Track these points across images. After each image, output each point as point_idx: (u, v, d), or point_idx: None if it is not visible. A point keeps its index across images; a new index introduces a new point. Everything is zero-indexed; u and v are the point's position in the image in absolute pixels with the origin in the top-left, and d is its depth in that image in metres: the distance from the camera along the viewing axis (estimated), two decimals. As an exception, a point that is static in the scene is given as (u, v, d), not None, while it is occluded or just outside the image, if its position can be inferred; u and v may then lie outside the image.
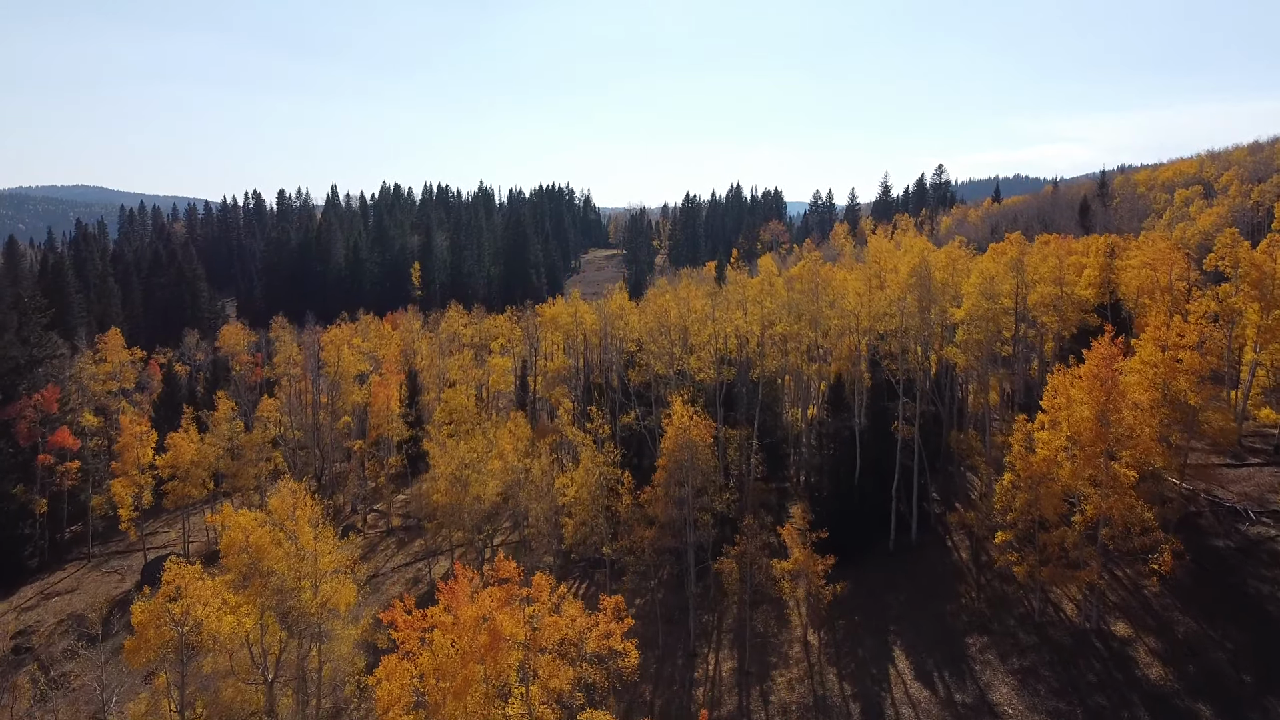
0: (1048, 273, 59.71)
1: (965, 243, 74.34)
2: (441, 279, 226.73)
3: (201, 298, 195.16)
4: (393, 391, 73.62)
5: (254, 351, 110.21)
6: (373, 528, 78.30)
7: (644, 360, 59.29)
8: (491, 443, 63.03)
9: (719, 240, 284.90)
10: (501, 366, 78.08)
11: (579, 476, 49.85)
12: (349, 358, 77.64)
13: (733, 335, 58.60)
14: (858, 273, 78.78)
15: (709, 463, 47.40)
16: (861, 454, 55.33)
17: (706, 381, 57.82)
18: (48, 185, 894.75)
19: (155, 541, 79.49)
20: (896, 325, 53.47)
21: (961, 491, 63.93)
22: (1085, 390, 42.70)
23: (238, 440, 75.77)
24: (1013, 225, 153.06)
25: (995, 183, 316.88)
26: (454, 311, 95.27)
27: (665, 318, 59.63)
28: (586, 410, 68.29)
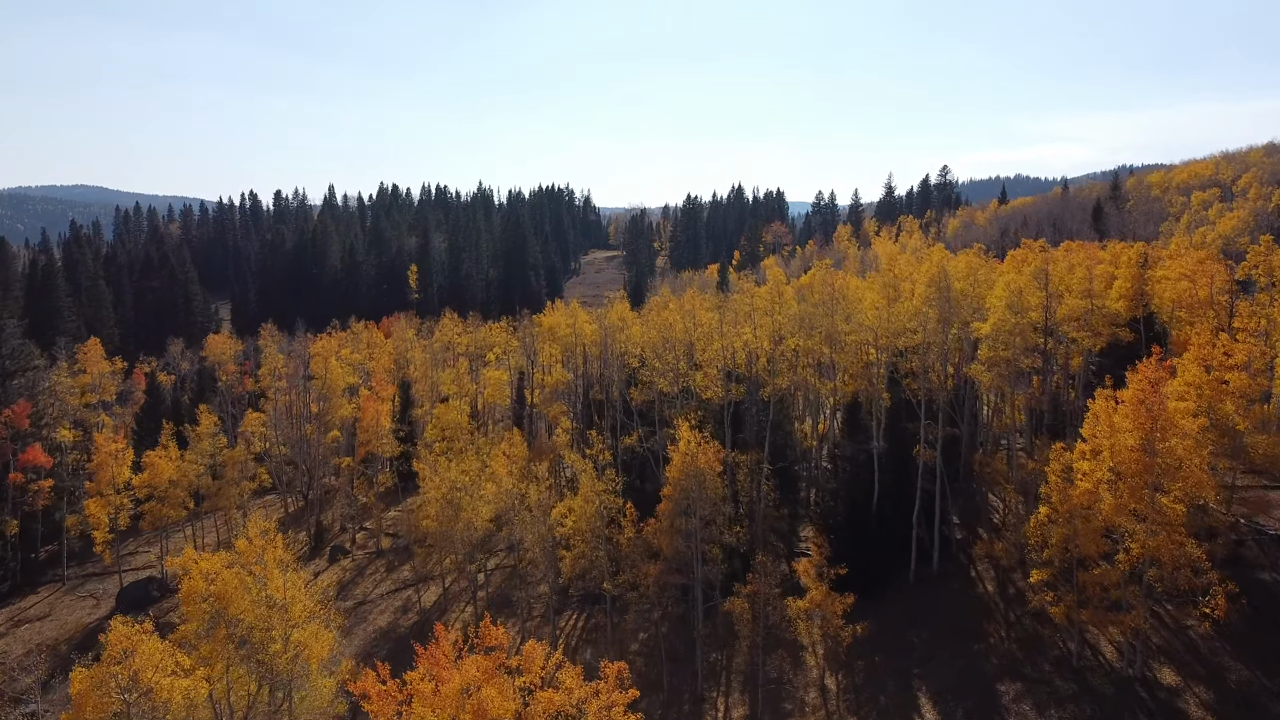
0: (1076, 284, 56.10)
1: (984, 250, 70.67)
2: (439, 281, 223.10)
3: (194, 301, 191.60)
4: (383, 406, 70.05)
5: (243, 360, 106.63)
6: (362, 548, 74.74)
7: (647, 377, 55.73)
8: (485, 464, 59.49)
9: (720, 241, 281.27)
10: (497, 380, 74.53)
11: (578, 505, 46.27)
12: (337, 370, 74.05)
13: (741, 350, 55.00)
14: (872, 282, 75.17)
15: (718, 492, 43.82)
16: (880, 479, 51.76)
17: (713, 400, 54.24)
18: (48, 185, 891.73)
19: (135, 562, 75.89)
20: (918, 341, 49.86)
21: (983, 515, 60.37)
22: (1129, 417, 39.10)
23: (220, 457, 72.22)
24: (1022, 228, 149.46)
25: (996, 183, 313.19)
26: (449, 320, 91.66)
27: (669, 332, 56.06)
28: (585, 430, 64.74)
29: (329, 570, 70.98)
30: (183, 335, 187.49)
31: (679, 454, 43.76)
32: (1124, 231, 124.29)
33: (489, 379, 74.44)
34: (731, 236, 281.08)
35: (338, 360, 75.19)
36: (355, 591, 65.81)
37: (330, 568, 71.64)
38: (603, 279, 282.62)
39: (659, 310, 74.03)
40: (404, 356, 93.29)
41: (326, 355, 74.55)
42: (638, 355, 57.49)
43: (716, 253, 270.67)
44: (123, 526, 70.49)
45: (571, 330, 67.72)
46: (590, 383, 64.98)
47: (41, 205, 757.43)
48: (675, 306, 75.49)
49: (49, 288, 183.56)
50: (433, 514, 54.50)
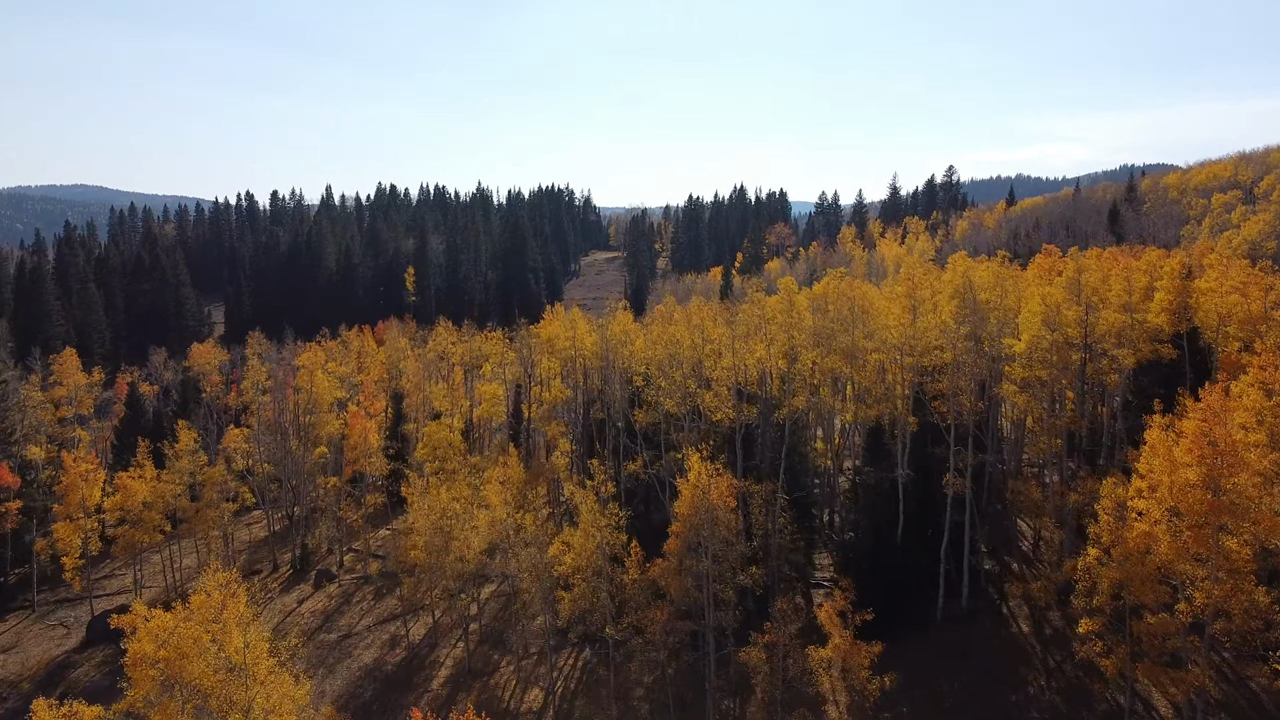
0: (1114, 296, 52.05)
1: (1006, 257, 66.63)
2: (437, 284, 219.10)
3: (186, 305, 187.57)
4: (371, 423, 66.03)
5: (230, 369, 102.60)
6: (350, 572, 70.73)
7: (652, 397, 51.67)
8: (478, 488, 55.51)
9: (723, 243, 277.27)
10: (492, 395, 70.48)
11: (577, 541, 42.25)
12: (324, 383, 70.02)
13: (754, 367, 50.95)
14: (888, 292, 71.07)
15: (731, 529, 39.80)
16: (905, 509, 47.74)
17: (723, 422, 50.19)
18: (47, 185, 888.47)
19: (109, 586, 71.91)
20: (947, 360, 45.83)
21: (1012, 543, 56.38)
22: (1191, 451, 35.08)
23: (200, 476, 68.29)
24: (1034, 231, 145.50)
25: (998, 182, 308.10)
26: (443, 328, 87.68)
27: (676, 348, 51.98)
28: (586, 453, 60.72)
29: (314, 597, 66.99)
30: (174, 340, 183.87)
31: (689, 487, 39.76)
32: (1142, 235, 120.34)
33: (484, 394, 70.41)
34: (734, 238, 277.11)
35: (324, 373, 71.16)
36: (341, 622, 61.80)
37: (315, 594, 67.63)
38: (603, 281, 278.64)
39: (663, 322, 70.03)
40: (396, 367, 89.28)
41: (312, 368, 70.56)
42: (642, 373, 53.40)
43: (719, 254, 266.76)
44: (94, 551, 66.58)
45: (571, 343, 63.70)
46: (591, 399, 61.02)
47: (41, 205, 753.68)
48: (681, 318, 71.45)
49: (37, 291, 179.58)
50: (421, 544, 50.55)
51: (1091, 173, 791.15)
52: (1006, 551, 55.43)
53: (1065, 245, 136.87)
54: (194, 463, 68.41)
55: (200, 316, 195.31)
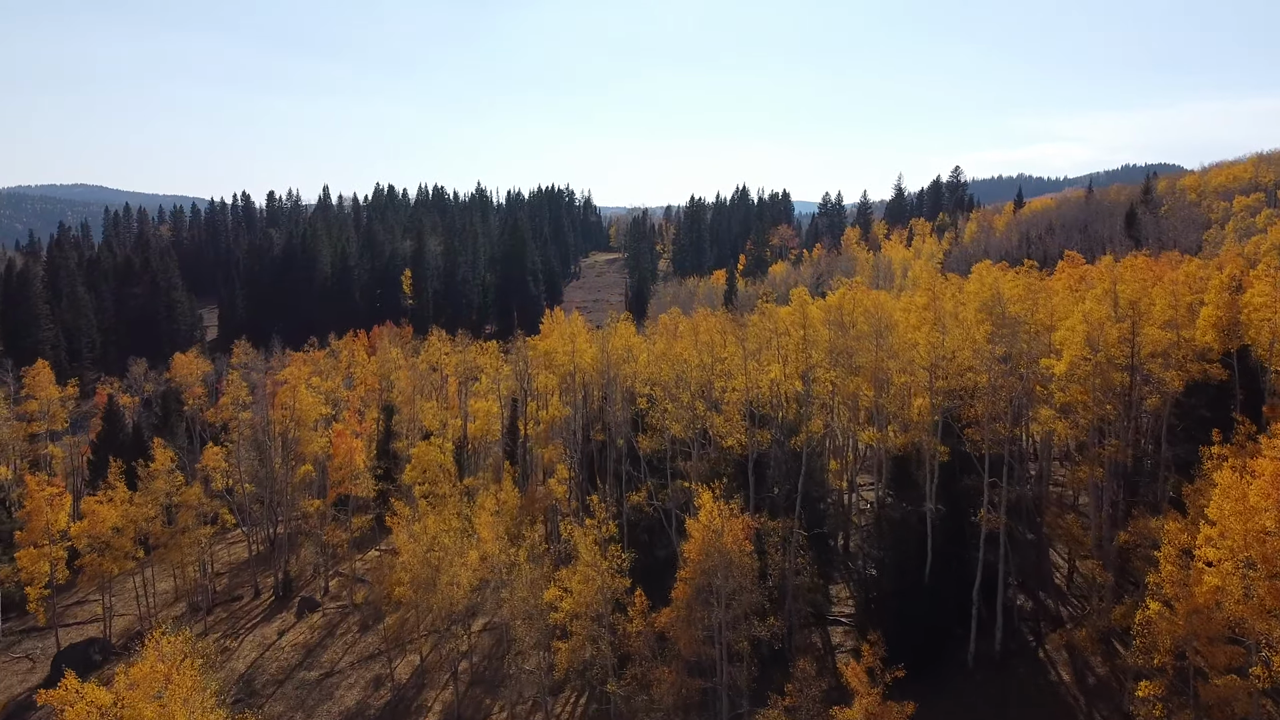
0: (1158, 313, 47.98)
1: (1037, 268, 62.60)
2: (434, 287, 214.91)
3: (178, 309, 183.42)
4: (356, 442, 62.00)
5: (216, 380, 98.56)
6: (335, 599, 66.74)
7: (656, 420, 47.61)
8: (470, 517, 51.47)
9: (725, 244, 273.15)
10: (485, 412, 66.41)
11: (576, 585, 38.21)
12: (307, 399, 65.98)
13: (768, 388, 46.88)
14: (906, 302, 66.99)
15: (747, 576, 35.76)
16: (934, 546, 43.70)
17: (734, 449, 46.17)
18: (47, 184, 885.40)
19: (79, 615, 67.94)
20: (982, 383, 41.77)
21: (1045, 576, 52.31)
22: (1268, 495, 31.06)
23: (176, 497, 64.29)
24: (1048, 235, 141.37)
25: (999, 182, 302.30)
26: (436, 339, 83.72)
27: (683, 367, 47.90)
28: (585, 480, 56.66)
29: (295, 628, 62.98)
30: (165, 345, 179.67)
31: (699, 529, 35.74)
32: (1161, 239, 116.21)
33: (477, 411, 66.40)
34: (736, 239, 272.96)
35: (308, 389, 67.10)
36: (323, 658, 57.77)
37: (297, 624, 63.62)
38: (604, 283, 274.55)
39: (668, 336, 65.99)
40: (388, 378, 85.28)
41: (296, 384, 66.54)
42: (646, 394, 49.32)
43: (721, 256, 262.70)
44: (60, 580, 62.68)
45: (569, 358, 59.64)
46: (591, 418, 57.05)
47: (40, 204, 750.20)
48: (686, 330, 67.42)
49: (25, 294, 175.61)
50: (407, 580, 46.56)
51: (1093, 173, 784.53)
52: (1039, 585, 51.42)
53: (1081, 250, 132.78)
54: (170, 483, 64.40)
55: (192, 320, 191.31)
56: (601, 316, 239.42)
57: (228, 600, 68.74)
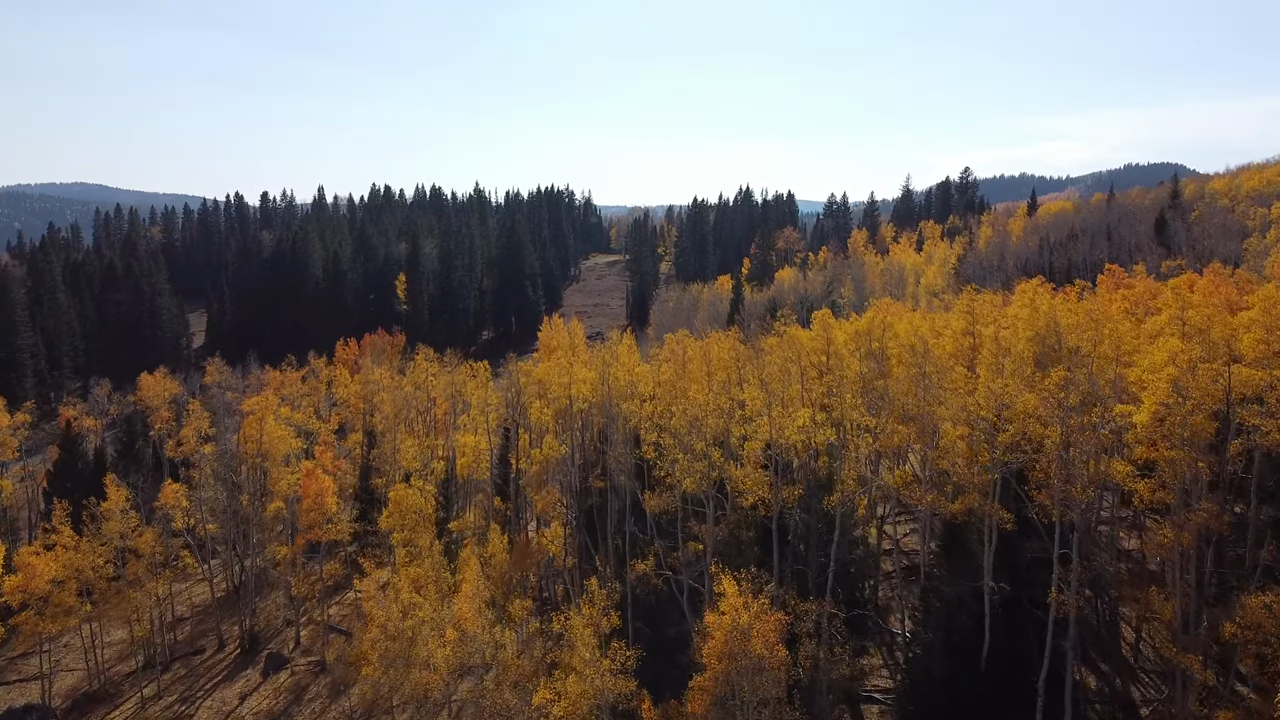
0: (1248, 348, 41.33)
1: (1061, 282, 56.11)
2: (430, 291, 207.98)
3: (163, 316, 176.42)
4: (328, 482, 55.42)
5: (189, 399, 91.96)
6: (306, 653, 60.22)
7: (665, 470, 41.00)
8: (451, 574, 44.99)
9: (729, 247, 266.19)
10: (473, 448, 59.94)
11: (571, 688, 31.67)
12: (275, 432, 59.46)
13: (795, 435, 40.25)
14: (940, 323, 60.32)
15: (779, 685, 29.21)
16: (991, 625, 37.13)
17: (749, 504, 39.57)
18: (46, 183, 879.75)
19: (24, 669, 61.36)
20: (1054, 437, 35.12)
21: (1113, 649, 45.79)
22: None
23: (130, 540, 57.84)
24: (1070, 241, 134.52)
25: (1002, 182, 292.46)
26: (423, 358, 77.23)
27: (696, 410, 41.24)
28: (583, 527, 50.10)
29: (260, 690, 56.47)
30: (148, 354, 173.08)
31: (722, 626, 29.20)
32: (1195, 248, 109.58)
33: (464, 446, 59.91)
34: (740, 241, 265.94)
35: (277, 420, 60.54)
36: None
37: (263, 685, 57.12)
38: (604, 286, 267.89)
39: (676, 363, 59.39)
40: (371, 400, 78.78)
41: (263, 413, 60.00)
42: (653, 441, 42.70)
43: (725, 259, 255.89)
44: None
45: (565, 389, 53.05)
46: (590, 462, 50.58)
47: (40, 203, 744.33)
48: (696, 355, 60.79)
49: (6, 299, 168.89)
50: (375, 658, 40.05)
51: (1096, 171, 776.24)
52: (1105, 658, 44.92)
53: (1107, 258, 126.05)
54: (124, 524, 57.95)
55: (178, 327, 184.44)
56: (602, 321, 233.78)
57: (188, 653, 62.25)
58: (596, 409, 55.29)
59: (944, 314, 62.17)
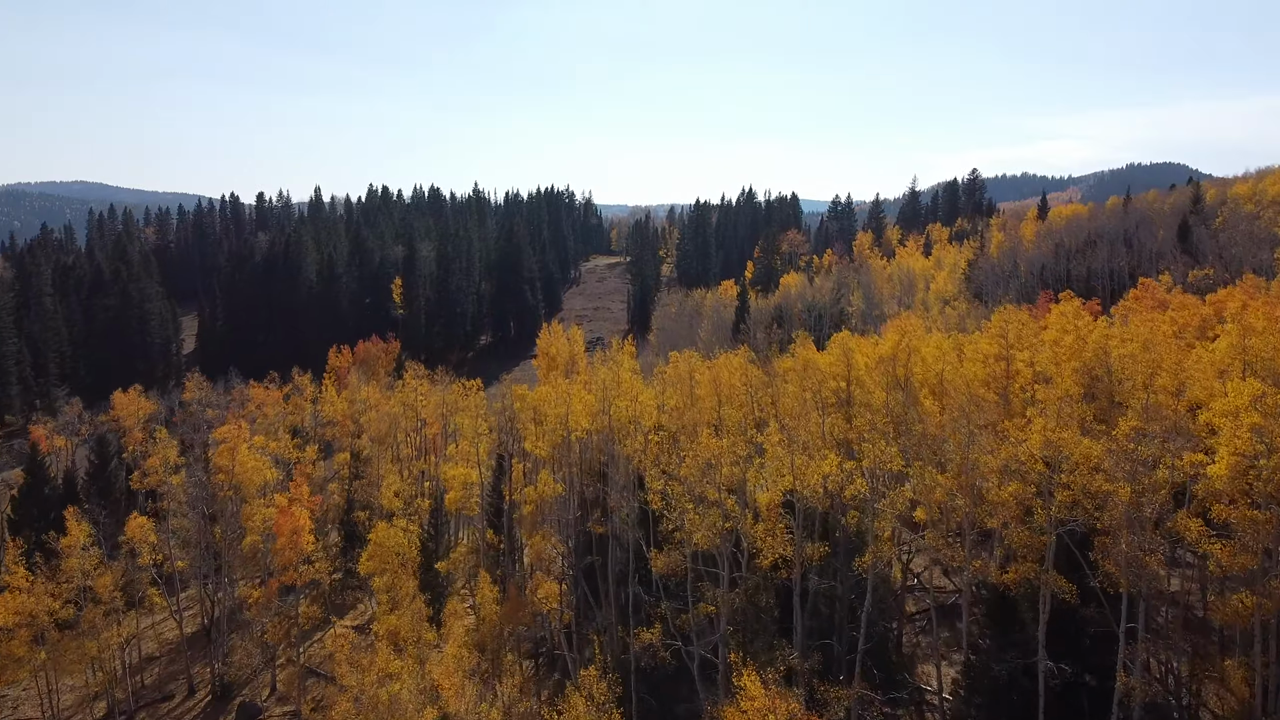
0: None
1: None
2: (427, 295, 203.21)
3: (152, 322, 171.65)
4: (304, 518, 50.83)
5: (168, 415, 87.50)
6: (282, 701, 55.66)
7: (674, 521, 36.36)
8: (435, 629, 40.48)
9: (731, 249, 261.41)
10: (462, 480, 55.26)
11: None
12: (248, 462, 54.92)
13: (818, 485, 35.60)
14: (970, 348, 55.63)
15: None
16: (1045, 708, 32.52)
17: (768, 564, 34.99)
18: (46, 181, 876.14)
19: (-23, 718, 56.90)
20: (1124, 498, 30.47)
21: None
22: None
23: (91, 580, 53.35)
24: (1088, 248, 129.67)
25: (1004, 181, 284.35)
26: (411, 376, 72.67)
27: (708, 453, 36.58)
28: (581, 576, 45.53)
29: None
30: (138, 361, 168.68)
31: (743, 732, 24.58)
32: (1222, 256, 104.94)
33: (453, 479, 55.29)
34: (742, 243, 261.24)
35: (250, 449, 55.95)
36: (255, 799, 46.73)
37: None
38: (604, 289, 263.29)
39: (682, 386, 54.78)
40: (358, 420, 74.28)
41: (235, 443, 55.46)
42: (660, 489, 38.01)
43: (727, 261, 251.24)
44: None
45: (561, 421, 48.43)
46: (589, 503, 46.04)
47: (40, 202, 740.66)
48: (705, 380, 56.23)
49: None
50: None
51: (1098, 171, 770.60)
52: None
53: (1128, 266, 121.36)
54: (85, 561, 53.47)
55: (169, 333, 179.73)
56: (602, 326, 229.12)
57: (155, 700, 57.67)
58: (597, 439, 50.76)
59: (973, 336, 57.42)
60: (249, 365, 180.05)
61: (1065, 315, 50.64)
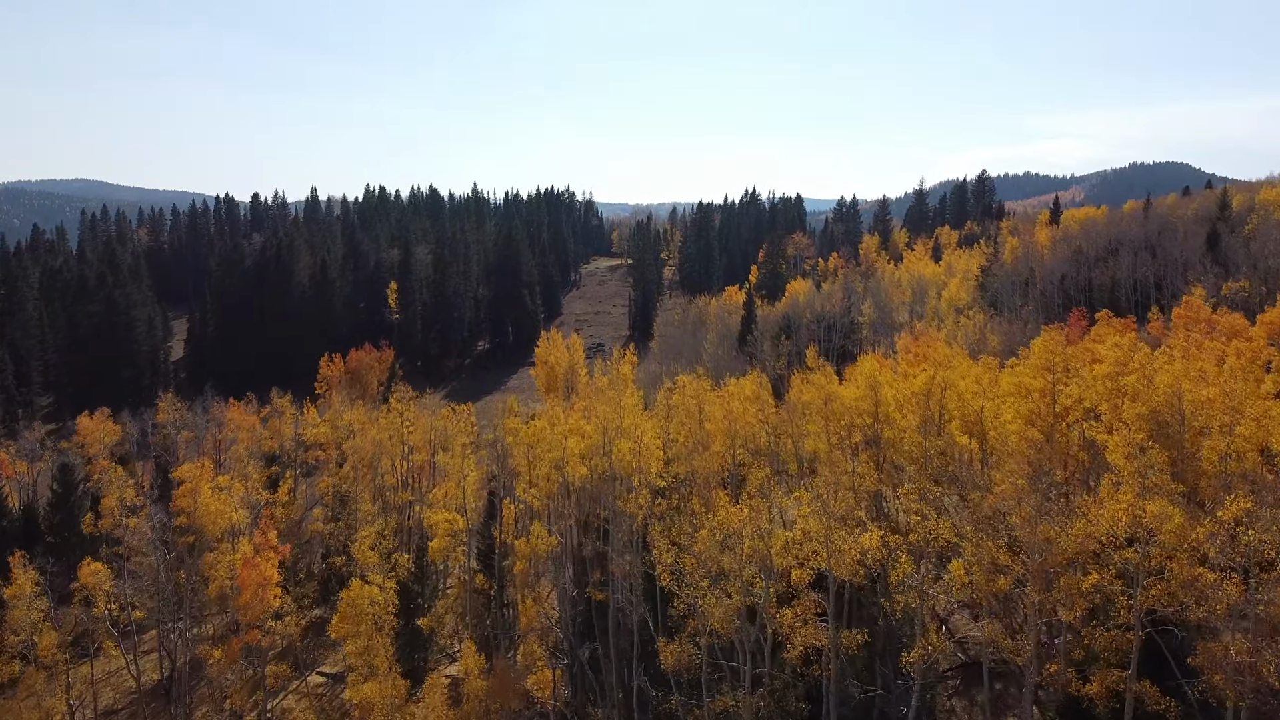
0: None
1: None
2: (423, 299, 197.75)
3: (138, 329, 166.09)
4: (270, 570, 45.63)
5: (142, 436, 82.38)
6: (250, 768, 50.48)
7: (685, 606, 31.16)
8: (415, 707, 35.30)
9: (735, 252, 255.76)
10: (448, 527, 49.70)
11: None
12: (212, 505, 49.71)
13: (852, 558, 30.37)
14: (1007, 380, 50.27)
15: None
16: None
17: (797, 656, 29.76)
18: (46, 179, 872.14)
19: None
20: (1235, 597, 25.26)
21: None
22: None
23: (36, 633, 48.34)
24: (1111, 257, 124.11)
25: (1006, 180, 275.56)
26: (397, 400, 67.39)
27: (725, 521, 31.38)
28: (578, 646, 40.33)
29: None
30: (124, 370, 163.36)
31: None
32: (1257, 268, 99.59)
33: (438, 524, 49.77)
34: (746, 245, 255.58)
35: (214, 490, 50.69)
36: None
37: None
38: (605, 292, 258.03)
39: (691, 419, 49.69)
40: (341, 447, 69.10)
41: (198, 483, 50.28)
42: (670, 563, 32.72)
43: (731, 265, 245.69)
44: None
45: (558, 468, 43.19)
46: (589, 557, 40.83)
47: (39, 200, 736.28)
48: (716, 413, 50.98)
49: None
50: None
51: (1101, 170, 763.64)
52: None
53: (1154, 276, 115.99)
54: (33, 612, 48.48)
55: (156, 340, 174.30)
56: (603, 331, 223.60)
57: (112, 763, 52.62)
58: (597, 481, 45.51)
59: (1013, 368, 51.80)
60: (239, 373, 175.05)
61: (1121, 348, 45.31)
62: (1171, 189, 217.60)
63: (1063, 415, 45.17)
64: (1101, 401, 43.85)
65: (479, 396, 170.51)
